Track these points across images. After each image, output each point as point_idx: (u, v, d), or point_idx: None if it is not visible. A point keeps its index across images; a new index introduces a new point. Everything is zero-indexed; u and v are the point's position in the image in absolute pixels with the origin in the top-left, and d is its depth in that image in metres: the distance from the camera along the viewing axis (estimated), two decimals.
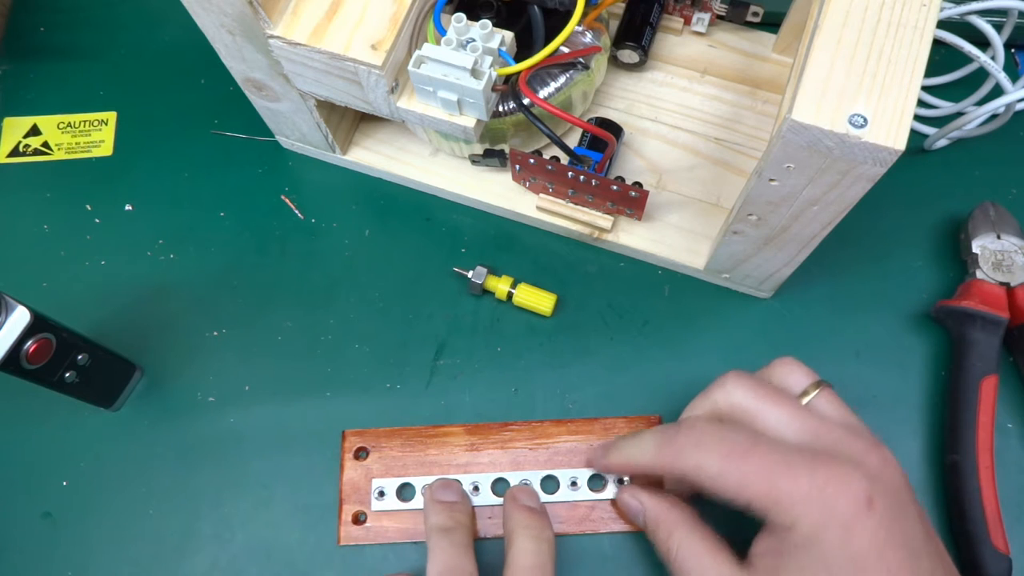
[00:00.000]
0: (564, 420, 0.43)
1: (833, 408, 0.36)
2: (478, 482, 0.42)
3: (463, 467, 0.42)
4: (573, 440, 0.42)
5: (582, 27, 0.44)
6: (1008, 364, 0.44)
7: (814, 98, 0.29)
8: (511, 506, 0.39)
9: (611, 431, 0.42)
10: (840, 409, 0.36)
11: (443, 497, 0.40)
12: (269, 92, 0.43)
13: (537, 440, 0.42)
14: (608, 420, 0.43)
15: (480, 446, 0.42)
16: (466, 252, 0.47)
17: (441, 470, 0.42)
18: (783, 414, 0.34)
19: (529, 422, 0.43)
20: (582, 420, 0.43)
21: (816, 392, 0.36)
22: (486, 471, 0.42)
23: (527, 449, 0.42)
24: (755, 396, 0.35)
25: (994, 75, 0.43)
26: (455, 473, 0.42)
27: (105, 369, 0.43)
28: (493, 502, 0.41)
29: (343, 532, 0.41)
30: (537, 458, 0.42)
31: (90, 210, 0.49)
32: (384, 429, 0.43)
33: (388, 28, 0.37)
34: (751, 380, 0.36)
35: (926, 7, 0.30)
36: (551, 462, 0.42)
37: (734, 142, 0.48)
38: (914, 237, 0.47)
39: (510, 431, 0.43)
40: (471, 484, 0.42)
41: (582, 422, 0.43)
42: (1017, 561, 0.39)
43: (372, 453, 0.43)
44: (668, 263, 0.46)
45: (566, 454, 0.42)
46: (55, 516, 0.43)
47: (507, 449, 0.42)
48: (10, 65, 0.54)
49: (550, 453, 0.42)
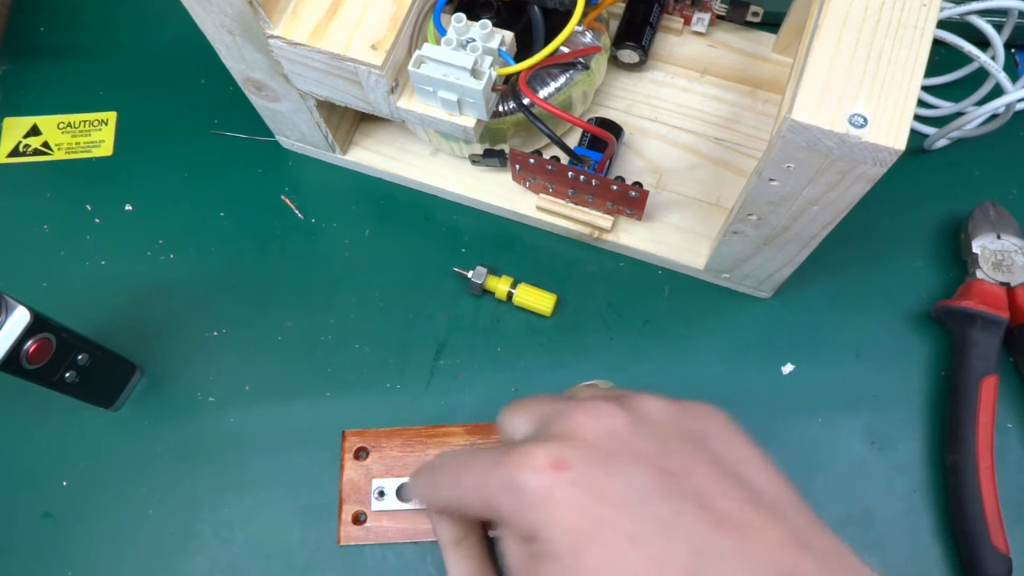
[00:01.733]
0: None
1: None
2: None
3: None
4: None
5: (582, 27, 0.44)
6: (1008, 364, 0.44)
7: (814, 98, 0.29)
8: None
9: None
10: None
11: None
12: (269, 92, 0.43)
13: None
14: None
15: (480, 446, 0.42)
16: (466, 252, 0.47)
17: None
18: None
19: None
20: None
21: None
22: None
23: None
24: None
25: (994, 75, 0.43)
26: None
27: (105, 369, 0.43)
28: None
29: (343, 532, 0.41)
30: None
31: (90, 210, 0.49)
32: (384, 429, 0.43)
33: (388, 28, 0.37)
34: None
35: (926, 7, 0.30)
36: None
37: (734, 142, 0.48)
38: (914, 237, 0.47)
39: None
40: None
41: None
42: (1017, 561, 0.39)
43: (372, 453, 0.43)
44: (668, 263, 0.46)
45: None
46: (55, 516, 0.43)
47: None
48: (10, 65, 0.54)
49: None
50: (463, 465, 0.30)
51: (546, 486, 0.26)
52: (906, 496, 0.42)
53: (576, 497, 0.25)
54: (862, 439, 0.43)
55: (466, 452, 0.30)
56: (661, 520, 0.25)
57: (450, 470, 0.30)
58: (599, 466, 0.26)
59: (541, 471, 0.26)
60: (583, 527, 0.25)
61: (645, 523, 0.25)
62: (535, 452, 0.26)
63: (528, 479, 0.26)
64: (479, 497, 0.28)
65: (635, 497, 0.25)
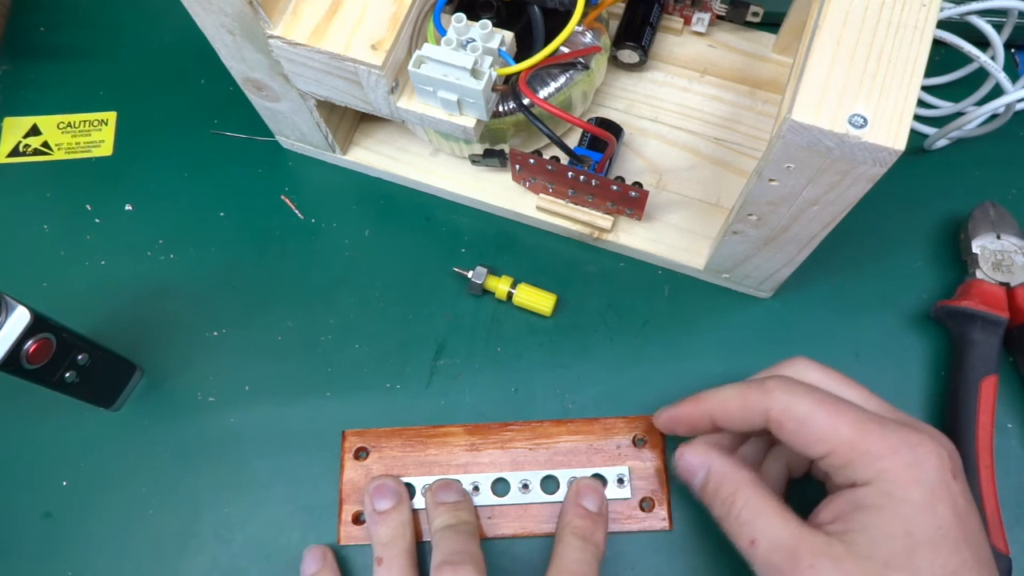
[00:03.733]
0: (564, 420, 0.43)
1: (889, 406, 0.36)
2: (478, 482, 0.42)
3: (463, 467, 0.42)
4: (573, 440, 0.42)
5: (582, 27, 0.44)
6: (1008, 364, 0.44)
7: (814, 98, 0.29)
8: (570, 503, 0.39)
9: (611, 431, 0.42)
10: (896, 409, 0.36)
11: (445, 498, 0.40)
12: (269, 92, 0.43)
13: (537, 440, 0.42)
14: (608, 420, 0.43)
15: (480, 446, 0.42)
16: (466, 252, 0.47)
17: (441, 470, 0.42)
18: (858, 394, 0.35)
19: (529, 422, 0.43)
20: (582, 420, 0.43)
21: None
22: (486, 471, 0.42)
23: (527, 449, 0.42)
24: (829, 377, 0.35)
25: (994, 75, 0.43)
26: (455, 473, 0.42)
27: (105, 369, 0.43)
28: (493, 502, 0.41)
29: (343, 532, 0.41)
30: (537, 458, 0.42)
31: (90, 210, 0.49)
32: (384, 429, 0.43)
33: (388, 28, 0.37)
34: (821, 365, 0.36)
35: (926, 7, 0.30)
36: (551, 462, 0.42)
37: (734, 142, 0.48)
38: (914, 237, 0.47)
39: (510, 431, 0.43)
40: (471, 484, 0.42)
41: (582, 422, 0.43)
42: (1017, 561, 0.39)
43: (372, 453, 0.43)
44: (668, 263, 0.46)
45: (566, 454, 0.42)
46: (55, 516, 0.43)
47: (507, 449, 0.42)
48: (10, 65, 0.54)
49: (550, 453, 0.42)
50: (838, 403, 0.33)
51: (941, 479, 0.32)
52: None
53: (957, 504, 0.31)
54: None
55: (835, 396, 0.34)
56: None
57: (819, 394, 0.34)
58: (970, 496, 0.33)
59: (942, 468, 0.32)
60: (949, 527, 0.31)
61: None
62: (941, 449, 0.32)
63: (930, 466, 0.32)
64: (849, 435, 0.32)
65: (979, 527, 0.32)
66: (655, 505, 0.41)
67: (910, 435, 0.32)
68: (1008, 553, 0.39)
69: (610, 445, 0.42)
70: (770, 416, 0.34)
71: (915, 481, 0.31)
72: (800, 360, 0.37)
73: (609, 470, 0.42)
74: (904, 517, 0.30)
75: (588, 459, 0.42)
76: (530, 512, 0.41)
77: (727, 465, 0.36)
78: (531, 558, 0.41)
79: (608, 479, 0.41)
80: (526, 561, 0.41)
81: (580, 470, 0.42)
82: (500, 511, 0.41)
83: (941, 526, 0.30)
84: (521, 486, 0.42)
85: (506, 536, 0.41)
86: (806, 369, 0.36)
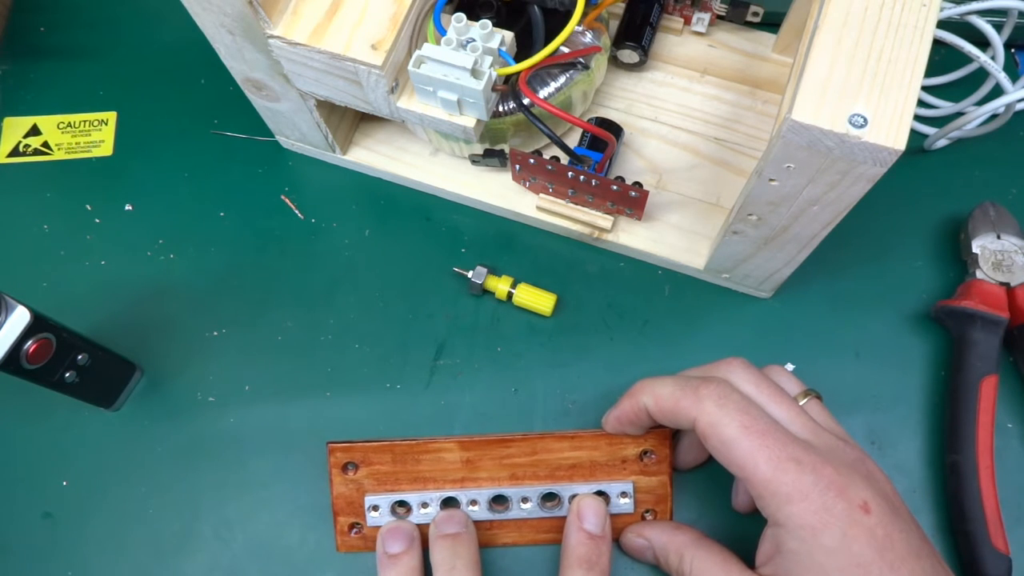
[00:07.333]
0: (567, 435, 0.40)
1: (823, 417, 0.36)
2: (476, 497, 0.40)
3: (459, 482, 0.40)
4: (575, 455, 0.40)
5: (582, 27, 0.44)
6: (1008, 364, 0.44)
7: (814, 98, 0.29)
8: (573, 527, 0.39)
9: (616, 446, 0.40)
10: (829, 419, 0.36)
11: (446, 529, 0.39)
12: (269, 92, 0.43)
13: (537, 456, 0.40)
14: (613, 436, 0.40)
15: (476, 462, 0.40)
16: (466, 252, 0.47)
17: (436, 485, 0.40)
18: (785, 412, 0.34)
19: (529, 437, 0.40)
20: (585, 435, 0.40)
21: (807, 400, 0.37)
22: (484, 486, 0.40)
23: (527, 465, 0.40)
24: (759, 389, 0.35)
25: (994, 75, 0.43)
26: (451, 488, 0.40)
27: (105, 369, 0.42)
28: (491, 517, 0.40)
29: (340, 540, 0.40)
30: (537, 473, 0.40)
31: (90, 210, 0.49)
32: (373, 444, 0.40)
33: (388, 28, 0.37)
34: (756, 372, 0.36)
35: (926, 7, 0.30)
36: (552, 477, 0.40)
37: (734, 142, 0.48)
38: (914, 237, 0.47)
39: (509, 447, 0.40)
40: (468, 499, 0.40)
41: (585, 437, 0.40)
42: (1017, 561, 0.39)
43: (361, 468, 0.40)
44: (668, 263, 0.46)
45: (567, 469, 0.40)
46: (55, 516, 0.42)
47: (505, 464, 0.40)
48: (10, 65, 0.54)
49: (551, 468, 0.40)
50: (766, 431, 0.33)
51: (850, 517, 0.32)
52: (906, 496, 0.41)
53: (873, 536, 0.32)
54: (862, 439, 0.43)
55: (766, 417, 0.34)
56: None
57: (749, 416, 0.34)
58: (892, 522, 0.32)
59: (851, 505, 0.32)
60: (868, 563, 0.31)
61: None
62: (853, 485, 0.33)
63: (839, 507, 0.32)
64: (766, 471, 0.32)
65: (909, 551, 0.32)
66: (657, 517, 0.40)
67: (822, 473, 0.32)
68: (1008, 553, 0.39)
69: (614, 460, 0.40)
70: (697, 426, 0.34)
71: (824, 526, 0.31)
72: (737, 364, 0.36)
73: (613, 485, 0.40)
74: (820, 564, 0.31)
75: (591, 473, 0.40)
76: (530, 524, 0.40)
77: (664, 533, 0.38)
78: (532, 561, 0.41)
79: (611, 495, 0.40)
80: (527, 562, 0.41)
81: (582, 485, 0.40)
82: (499, 524, 0.40)
83: (860, 563, 0.31)
84: (520, 500, 0.40)
85: (506, 544, 0.41)
86: (740, 377, 0.36)
